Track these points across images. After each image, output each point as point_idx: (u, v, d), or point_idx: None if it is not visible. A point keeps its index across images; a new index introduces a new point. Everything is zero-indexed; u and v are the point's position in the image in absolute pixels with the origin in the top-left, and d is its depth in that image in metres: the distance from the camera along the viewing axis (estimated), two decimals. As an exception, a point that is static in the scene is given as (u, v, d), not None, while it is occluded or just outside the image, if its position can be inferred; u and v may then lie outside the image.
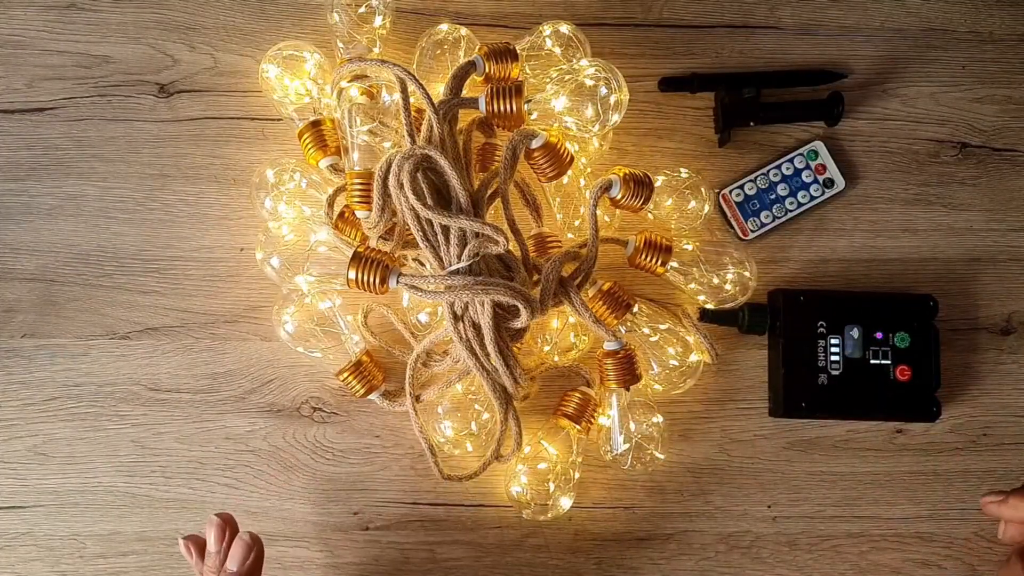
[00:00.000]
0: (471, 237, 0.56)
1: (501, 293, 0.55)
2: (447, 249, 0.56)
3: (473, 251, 0.55)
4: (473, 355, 0.58)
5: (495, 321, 0.56)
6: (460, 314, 0.57)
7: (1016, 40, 0.71)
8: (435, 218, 0.55)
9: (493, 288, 0.55)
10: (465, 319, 0.57)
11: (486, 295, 0.55)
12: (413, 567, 0.65)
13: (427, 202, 0.55)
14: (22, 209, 0.66)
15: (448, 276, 0.55)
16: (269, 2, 0.69)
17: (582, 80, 0.59)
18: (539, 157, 0.61)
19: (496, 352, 0.57)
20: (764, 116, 0.68)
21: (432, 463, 0.62)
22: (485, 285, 0.55)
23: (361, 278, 0.57)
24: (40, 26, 0.68)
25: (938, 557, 0.67)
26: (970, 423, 0.68)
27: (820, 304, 0.66)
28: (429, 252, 0.56)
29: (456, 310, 0.57)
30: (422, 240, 0.56)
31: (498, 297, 0.55)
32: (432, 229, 0.56)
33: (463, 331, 0.57)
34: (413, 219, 0.56)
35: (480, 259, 0.56)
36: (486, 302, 0.55)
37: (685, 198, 0.65)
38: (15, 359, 0.65)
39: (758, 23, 0.70)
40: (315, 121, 0.63)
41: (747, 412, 0.67)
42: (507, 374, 0.58)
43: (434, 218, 0.55)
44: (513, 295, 0.55)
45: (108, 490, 0.64)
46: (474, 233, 0.56)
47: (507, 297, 0.55)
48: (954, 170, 0.70)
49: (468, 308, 0.56)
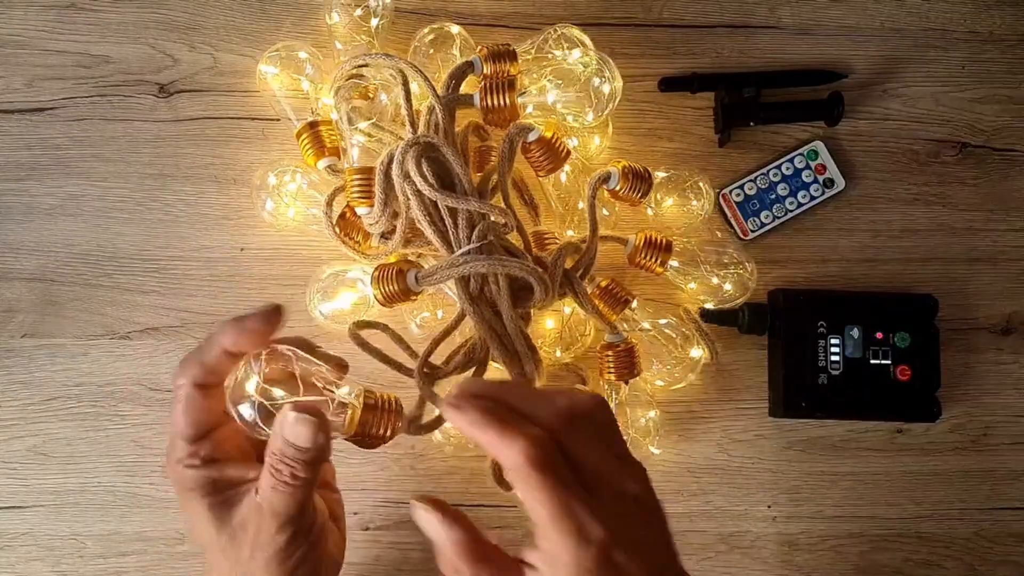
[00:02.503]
0: (479, 219, 0.56)
1: (516, 269, 0.55)
2: (455, 232, 0.56)
3: (483, 232, 0.55)
4: (494, 334, 0.57)
5: (512, 300, 0.56)
6: (476, 295, 0.57)
7: (1016, 40, 0.71)
8: (442, 200, 0.55)
9: (509, 263, 0.55)
10: (481, 301, 0.57)
11: (503, 268, 0.55)
12: (413, 567, 0.65)
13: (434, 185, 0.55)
14: (22, 209, 0.66)
15: (462, 256, 0.56)
16: (269, 2, 0.69)
17: (574, 71, 0.59)
18: (535, 151, 0.61)
19: (516, 331, 0.57)
20: (764, 116, 0.68)
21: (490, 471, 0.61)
22: (501, 260, 0.55)
23: (384, 292, 0.58)
24: (40, 26, 0.68)
25: (938, 557, 0.67)
26: (970, 423, 0.68)
27: (820, 304, 0.66)
28: (437, 238, 0.56)
29: (472, 291, 0.57)
30: (429, 227, 0.56)
31: (514, 271, 0.55)
32: (439, 214, 0.56)
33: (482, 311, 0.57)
34: (419, 205, 0.56)
35: (489, 243, 0.56)
36: (501, 280, 0.56)
37: (686, 197, 0.65)
38: (15, 359, 0.65)
39: (758, 23, 0.70)
40: (313, 122, 0.63)
41: (747, 412, 0.67)
42: (527, 354, 0.58)
43: (441, 201, 0.55)
44: (528, 271, 0.56)
45: (108, 490, 0.64)
46: (481, 215, 0.56)
47: (523, 273, 0.55)
48: (954, 170, 0.70)
49: (484, 290, 0.56)
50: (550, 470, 0.36)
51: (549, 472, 0.36)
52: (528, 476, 0.36)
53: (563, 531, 0.36)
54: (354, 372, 0.48)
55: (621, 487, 0.38)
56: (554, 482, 0.36)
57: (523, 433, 0.37)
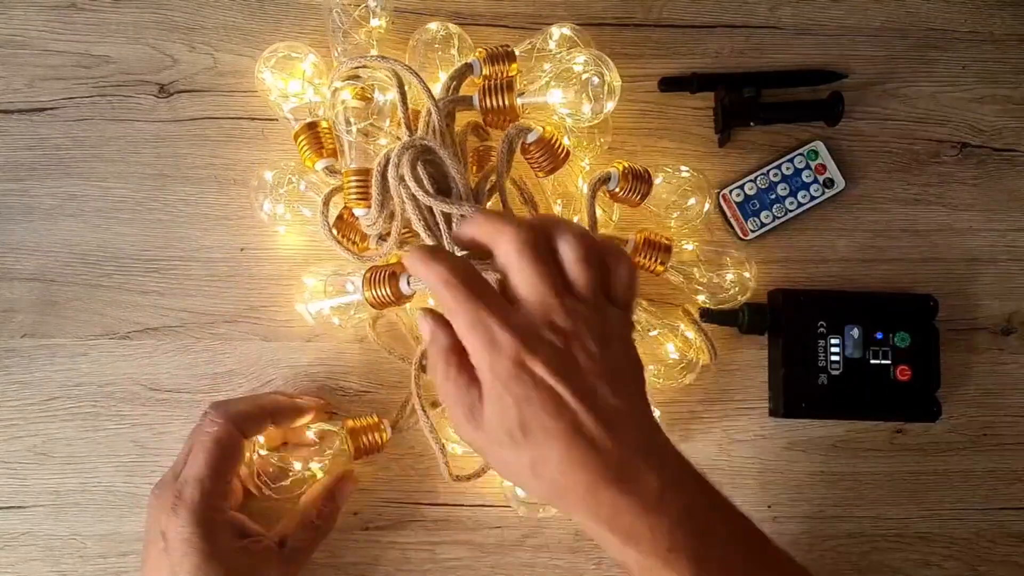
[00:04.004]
0: None
1: None
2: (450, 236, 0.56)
3: None
4: None
5: None
6: None
7: (1016, 40, 0.71)
8: (437, 206, 0.55)
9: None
10: None
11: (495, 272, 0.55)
12: (413, 567, 0.65)
13: (428, 190, 0.55)
14: (22, 209, 0.67)
15: None
16: (269, 2, 0.69)
17: (572, 71, 0.59)
18: (535, 151, 0.61)
19: None
20: (764, 116, 0.68)
21: (442, 464, 0.61)
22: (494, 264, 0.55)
23: (376, 296, 0.58)
24: (40, 26, 0.68)
25: (938, 557, 0.67)
26: (970, 423, 0.68)
27: (820, 304, 0.66)
28: (432, 242, 0.56)
29: None
30: (424, 230, 0.56)
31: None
32: (434, 219, 0.56)
33: None
34: (414, 209, 0.56)
35: None
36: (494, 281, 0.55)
37: (685, 197, 0.65)
38: (15, 359, 0.65)
39: (758, 23, 0.70)
40: (311, 123, 0.63)
41: (747, 412, 0.67)
42: None
43: (436, 206, 0.55)
44: None
45: (108, 490, 0.64)
46: None
47: None
48: (954, 170, 0.70)
49: None
50: (463, 287, 0.41)
51: (461, 289, 0.41)
52: (443, 295, 0.41)
53: (475, 341, 0.40)
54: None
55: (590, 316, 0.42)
56: (465, 296, 0.41)
57: (444, 258, 0.42)
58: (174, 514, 0.50)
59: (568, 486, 0.40)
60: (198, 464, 0.52)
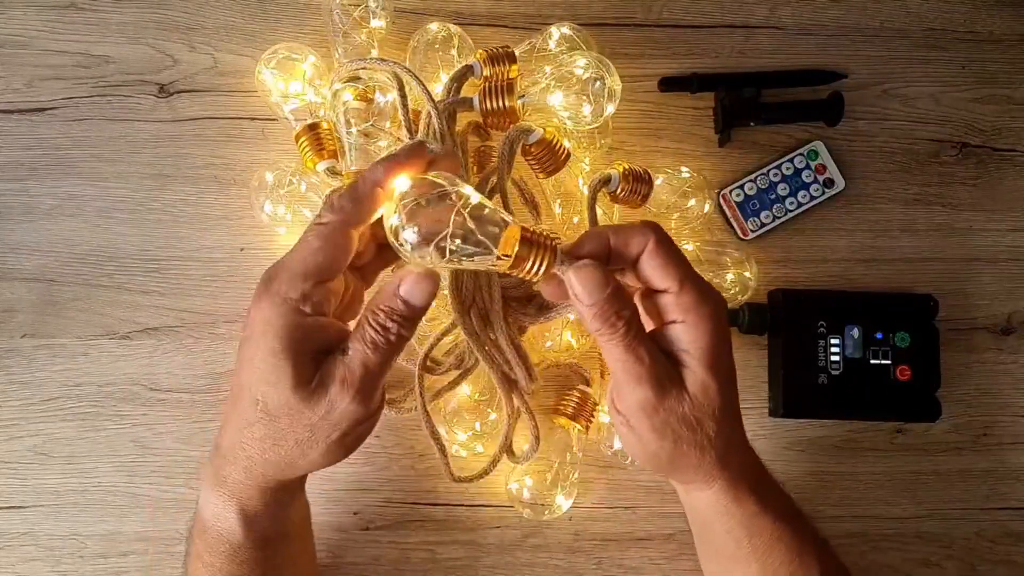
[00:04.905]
0: None
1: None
2: None
3: None
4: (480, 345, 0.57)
5: (504, 309, 0.56)
6: (468, 305, 0.57)
7: (1016, 40, 0.71)
8: None
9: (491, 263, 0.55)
10: (472, 312, 0.56)
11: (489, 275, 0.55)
12: (413, 567, 0.65)
13: None
14: (22, 209, 0.67)
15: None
16: (269, 2, 0.69)
17: (573, 73, 0.59)
18: (536, 152, 0.61)
19: (507, 342, 0.57)
20: (764, 116, 0.68)
21: (443, 465, 0.61)
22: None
23: None
24: (40, 26, 0.68)
25: (938, 557, 0.67)
26: (970, 423, 0.68)
27: (820, 304, 0.66)
28: None
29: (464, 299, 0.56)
30: None
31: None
32: None
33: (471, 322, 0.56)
34: None
35: None
36: (495, 285, 0.55)
37: (686, 198, 0.65)
38: (15, 359, 0.65)
39: (758, 23, 0.70)
40: (312, 124, 0.63)
41: (747, 412, 0.67)
42: (519, 365, 0.57)
43: None
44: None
45: (108, 490, 0.64)
46: None
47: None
48: (954, 170, 0.70)
49: (475, 299, 0.56)
50: (676, 247, 0.45)
51: (676, 248, 0.45)
52: (661, 250, 0.44)
53: (695, 287, 0.44)
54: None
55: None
56: (681, 255, 0.45)
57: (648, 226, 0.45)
58: (254, 301, 0.44)
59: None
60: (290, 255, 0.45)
